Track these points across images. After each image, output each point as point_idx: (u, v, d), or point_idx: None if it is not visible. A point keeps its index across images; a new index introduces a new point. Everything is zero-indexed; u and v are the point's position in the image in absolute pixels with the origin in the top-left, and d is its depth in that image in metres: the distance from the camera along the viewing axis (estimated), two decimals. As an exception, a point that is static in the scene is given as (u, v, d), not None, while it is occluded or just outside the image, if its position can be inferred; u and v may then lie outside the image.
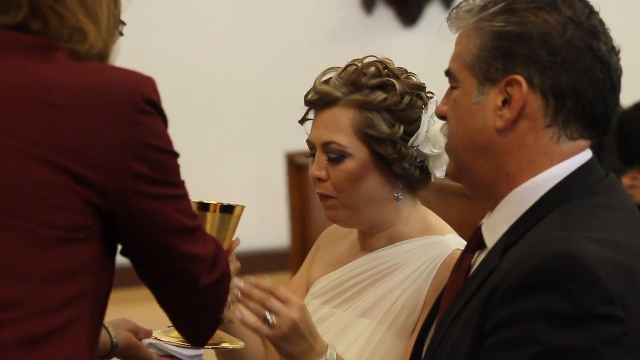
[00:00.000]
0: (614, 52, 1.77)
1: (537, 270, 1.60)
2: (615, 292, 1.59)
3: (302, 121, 2.30)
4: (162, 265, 1.77)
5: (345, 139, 2.21)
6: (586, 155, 1.78)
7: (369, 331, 2.21)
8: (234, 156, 7.34)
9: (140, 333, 2.25)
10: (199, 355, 2.25)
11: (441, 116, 1.86)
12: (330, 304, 2.31)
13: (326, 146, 2.23)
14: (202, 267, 1.79)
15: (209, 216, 2.14)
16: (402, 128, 2.20)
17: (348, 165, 2.21)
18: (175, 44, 7.28)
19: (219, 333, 2.18)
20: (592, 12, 1.77)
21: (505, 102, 1.75)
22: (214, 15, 7.41)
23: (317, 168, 2.24)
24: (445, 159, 2.17)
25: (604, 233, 1.67)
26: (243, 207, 2.15)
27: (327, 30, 7.72)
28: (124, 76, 1.72)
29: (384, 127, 2.20)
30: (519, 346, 1.59)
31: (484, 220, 1.84)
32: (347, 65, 2.27)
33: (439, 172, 2.23)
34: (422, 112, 2.23)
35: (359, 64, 2.25)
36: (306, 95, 2.28)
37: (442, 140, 2.16)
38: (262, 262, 6.91)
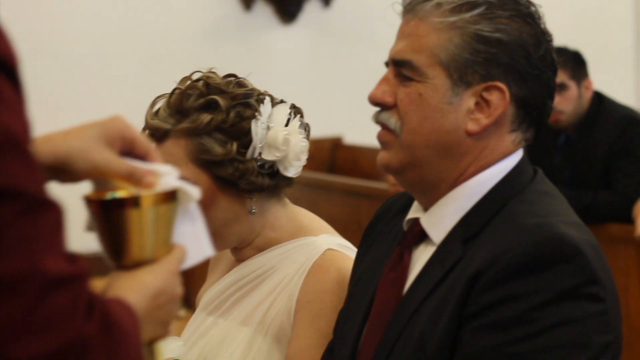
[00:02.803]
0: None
1: (530, 254, 1.64)
2: (597, 272, 1.65)
3: None
4: None
5: (185, 170, 2.12)
6: (521, 150, 1.84)
7: (246, 340, 2.18)
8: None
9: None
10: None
11: (379, 103, 1.81)
12: (213, 314, 2.27)
13: None
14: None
15: (134, 216, 1.37)
16: (235, 144, 2.13)
17: None
18: (50, 38, 7.15)
19: None
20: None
21: (476, 105, 1.76)
22: (90, 10, 7.30)
23: None
24: (291, 158, 2.15)
25: (567, 217, 1.73)
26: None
27: (206, 26, 7.67)
28: None
29: (217, 149, 2.13)
30: (513, 325, 1.63)
31: (419, 215, 1.84)
32: (173, 90, 2.18)
33: (291, 172, 2.18)
34: (252, 121, 2.15)
35: (183, 87, 2.17)
36: (142, 131, 2.18)
37: (281, 143, 2.13)
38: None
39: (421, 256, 1.82)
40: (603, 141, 4.95)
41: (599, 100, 5.08)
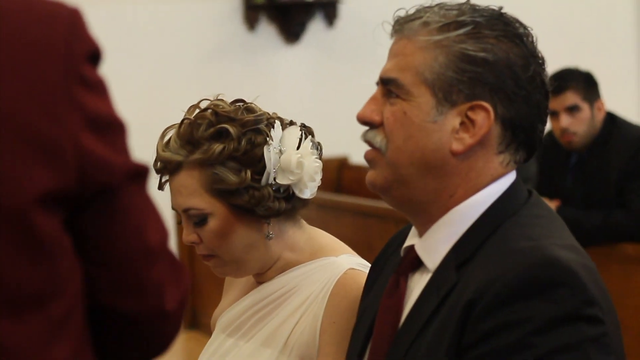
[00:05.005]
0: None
1: (524, 278, 1.62)
2: (594, 293, 1.63)
3: (160, 187, 2.22)
4: None
5: (200, 201, 2.14)
6: (514, 172, 1.81)
7: None
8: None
9: None
10: None
11: (366, 122, 1.80)
12: (234, 335, 2.26)
13: (186, 212, 2.17)
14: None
15: None
16: (249, 172, 2.12)
17: (212, 224, 2.15)
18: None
19: None
20: (536, 42, 1.80)
21: (461, 125, 1.74)
22: (94, 32, 7.28)
23: (187, 234, 2.19)
24: (306, 180, 2.14)
25: (561, 239, 1.71)
26: None
27: (210, 46, 7.66)
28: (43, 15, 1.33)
29: (232, 178, 2.12)
30: (513, 353, 1.61)
31: (413, 243, 1.82)
32: (182, 120, 2.17)
33: (307, 194, 2.17)
34: (265, 147, 2.14)
35: (191, 116, 2.16)
36: (154, 165, 2.18)
37: (294, 166, 2.12)
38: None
39: (417, 283, 1.81)
40: (616, 161, 4.94)
41: (612, 120, 5.07)
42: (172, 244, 6.25)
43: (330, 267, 2.18)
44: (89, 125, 1.34)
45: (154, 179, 2.14)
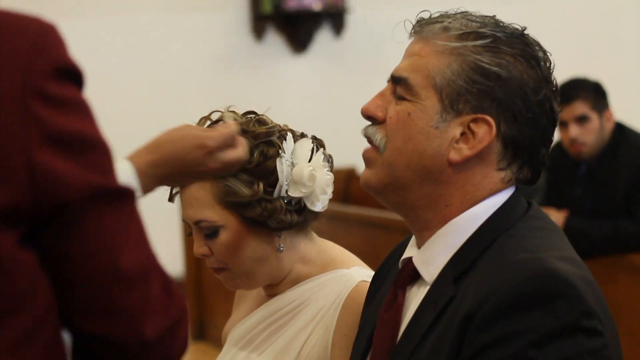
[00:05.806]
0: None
1: (522, 290, 1.61)
2: (593, 306, 1.62)
3: (171, 199, 2.22)
4: None
5: (212, 213, 2.13)
6: (514, 186, 1.81)
7: None
8: (124, 185, 7.21)
9: None
10: None
11: (370, 117, 1.80)
12: (246, 349, 2.25)
13: (198, 224, 2.17)
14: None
15: None
16: (261, 184, 2.11)
17: (223, 237, 2.14)
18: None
19: None
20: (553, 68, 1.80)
21: (461, 136, 1.74)
22: (102, 40, 7.30)
23: (198, 246, 2.18)
24: (318, 193, 2.13)
25: (560, 251, 1.69)
26: None
27: (218, 56, 7.67)
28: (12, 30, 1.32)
29: (244, 190, 2.11)
30: None
31: (411, 255, 1.81)
32: None
33: (318, 207, 2.16)
34: (277, 159, 2.13)
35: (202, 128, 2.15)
36: None
37: (307, 179, 2.11)
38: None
39: (415, 296, 1.80)
40: (625, 171, 4.93)
41: (621, 130, 5.06)
42: (179, 255, 6.27)
43: (341, 279, 2.17)
44: (46, 141, 1.31)
45: (163, 191, 2.15)
